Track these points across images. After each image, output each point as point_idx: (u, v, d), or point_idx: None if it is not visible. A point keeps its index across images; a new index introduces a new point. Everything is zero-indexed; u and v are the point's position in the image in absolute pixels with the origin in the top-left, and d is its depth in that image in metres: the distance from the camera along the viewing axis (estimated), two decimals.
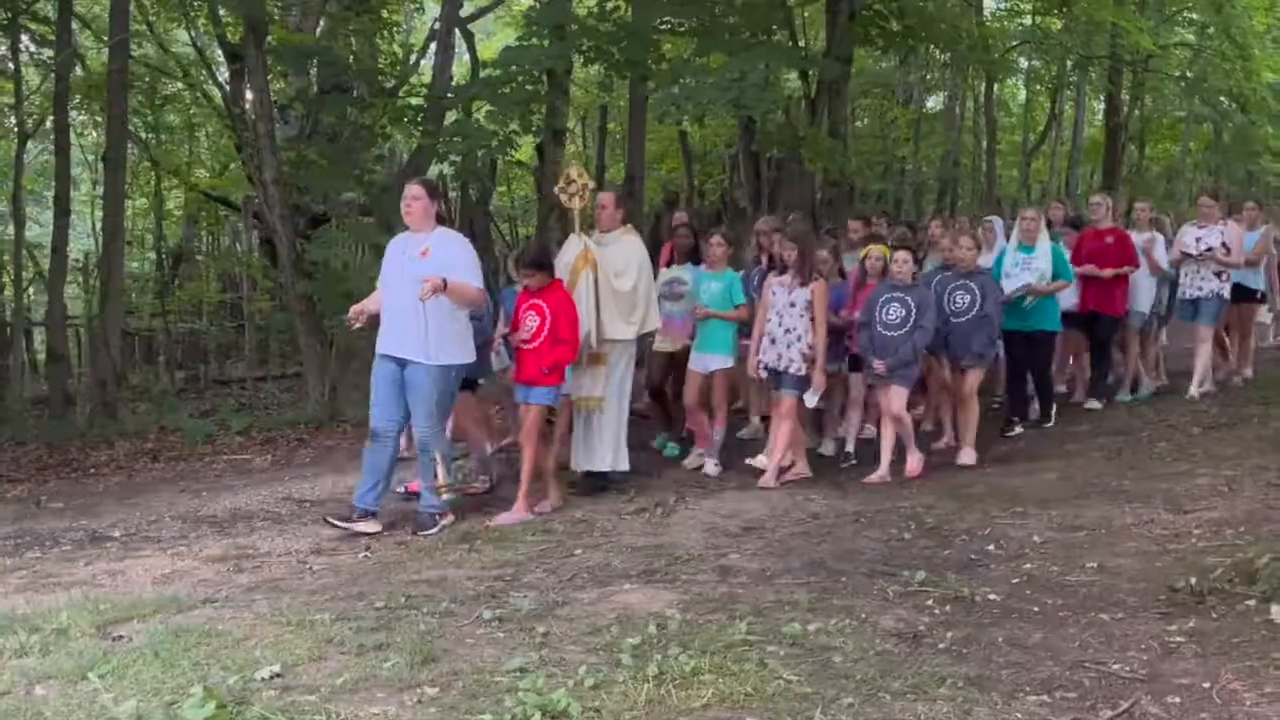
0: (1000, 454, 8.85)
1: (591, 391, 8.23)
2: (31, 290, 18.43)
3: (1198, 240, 10.08)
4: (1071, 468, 8.07)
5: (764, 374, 8.55)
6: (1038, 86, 26.14)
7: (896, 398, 8.31)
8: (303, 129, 16.84)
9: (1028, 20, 22.59)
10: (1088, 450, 8.64)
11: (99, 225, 17.22)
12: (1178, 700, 3.93)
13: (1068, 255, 9.89)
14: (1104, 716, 3.82)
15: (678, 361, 9.28)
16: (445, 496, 7.43)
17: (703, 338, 8.93)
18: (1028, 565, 5.75)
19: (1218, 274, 10.06)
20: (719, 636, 4.62)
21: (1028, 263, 9.45)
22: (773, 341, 8.38)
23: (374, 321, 7.48)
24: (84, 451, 11.37)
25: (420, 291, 6.89)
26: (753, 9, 15.63)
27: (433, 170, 19.58)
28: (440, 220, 7.60)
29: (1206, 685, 4.03)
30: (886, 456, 8.32)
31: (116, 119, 14.80)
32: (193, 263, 22.47)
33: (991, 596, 5.22)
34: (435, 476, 7.45)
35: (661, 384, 9.77)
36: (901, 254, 8.47)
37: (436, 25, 18.76)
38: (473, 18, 20.32)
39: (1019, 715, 3.83)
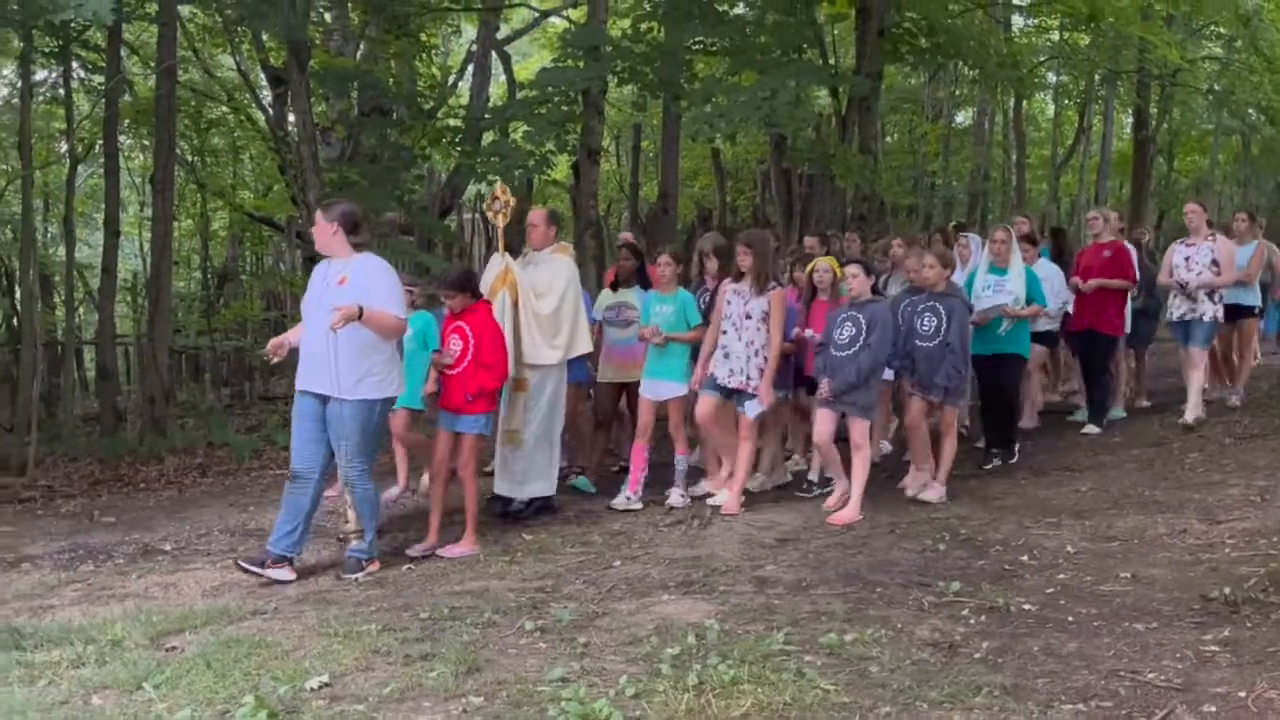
0: (1035, 465, 8.76)
1: (508, 424, 7.86)
2: (82, 310, 18.63)
3: (1187, 260, 9.48)
4: (1104, 479, 8.02)
5: (700, 389, 7.89)
6: (1066, 101, 25.99)
7: (822, 424, 7.56)
8: (344, 150, 16.95)
9: (1055, 36, 22.50)
10: (1121, 461, 8.58)
11: (147, 246, 17.40)
12: (1213, 709, 3.90)
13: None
14: None
15: (632, 393, 8.64)
16: (354, 542, 6.74)
17: (655, 363, 8.12)
18: (1062, 575, 5.72)
19: (1209, 294, 9.42)
20: (757, 647, 4.63)
21: (999, 285, 8.76)
22: (727, 356, 7.73)
23: (295, 355, 6.80)
24: (134, 467, 11.46)
25: (331, 321, 6.25)
26: (783, 28, 15.65)
27: (470, 189, 19.73)
28: (360, 246, 6.79)
29: (1242, 694, 4.00)
30: (854, 486, 7.53)
31: (164, 143, 14.95)
32: (237, 282, 22.69)
33: (1026, 606, 5.20)
34: (349, 521, 6.81)
35: (610, 418, 9.19)
36: (851, 267, 7.77)
37: (474, 48, 18.90)
38: (509, 40, 20.43)
39: None
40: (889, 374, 8.26)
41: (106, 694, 4.47)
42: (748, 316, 7.69)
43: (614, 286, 8.97)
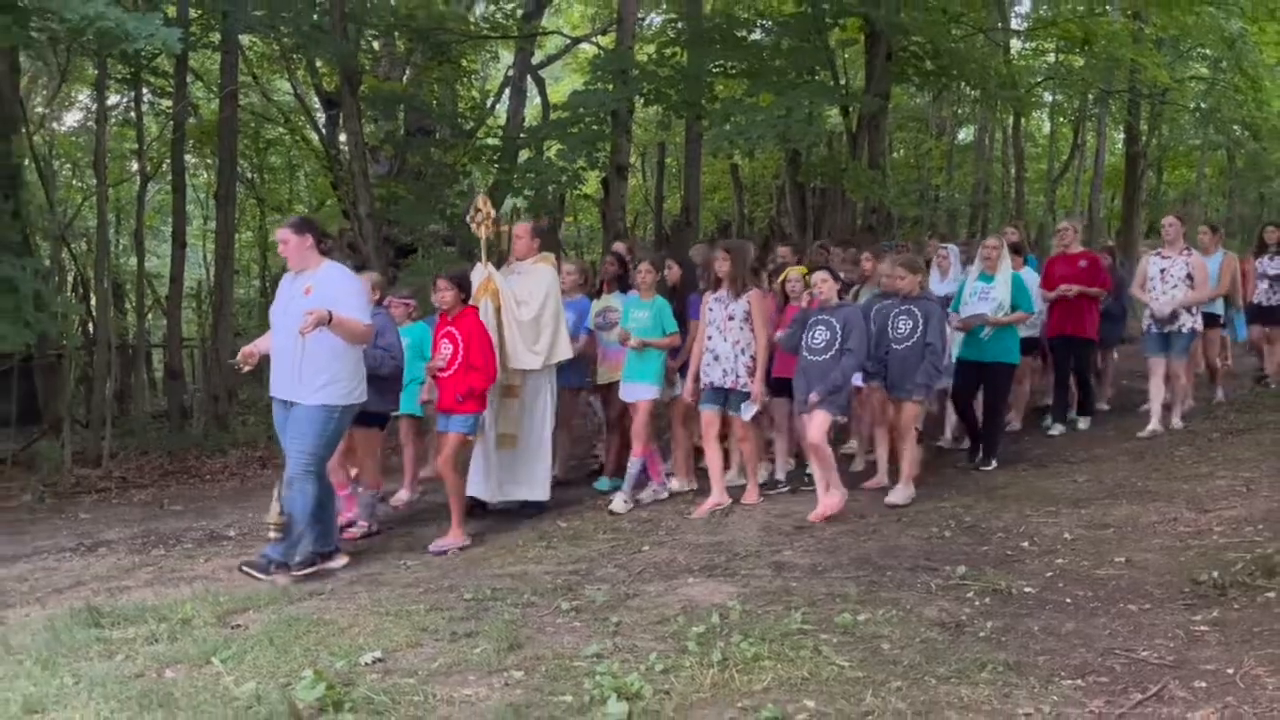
0: (1034, 457, 8.72)
1: (502, 428, 7.75)
2: (151, 315, 18.75)
3: (1162, 273, 9.07)
4: (1100, 470, 7.97)
5: (698, 404, 7.72)
6: (1061, 119, 25.83)
7: (816, 425, 7.18)
8: (392, 167, 17.05)
9: (1052, 58, 22.38)
10: (1115, 454, 8.52)
11: (211, 256, 17.55)
12: (1204, 685, 3.88)
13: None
14: (1134, 699, 3.78)
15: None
16: (273, 535, 6.32)
17: (631, 367, 7.98)
18: (1060, 560, 5.69)
19: (1188, 307, 9.04)
20: (776, 626, 4.63)
21: (985, 292, 8.46)
22: (716, 358, 7.58)
23: (266, 363, 6.56)
24: (200, 459, 11.54)
25: (300, 325, 5.98)
26: (798, 52, 15.64)
27: (507, 203, 19.77)
28: (326, 254, 6.55)
29: (1230, 671, 3.98)
30: (821, 487, 7.25)
31: (226, 161, 15.06)
32: None
33: (1027, 589, 5.18)
34: (270, 512, 6.47)
35: (621, 415, 8.64)
36: (819, 274, 7.54)
37: (511, 72, 18.96)
38: (543, 65, 20.50)
39: (1055, 698, 3.81)
40: (858, 379, 7.90)
41: (178, 668, 4.51)
42: (730, 319, 7.54)
43: (598, 293, 8.84)
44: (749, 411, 7.50)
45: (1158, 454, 8.33)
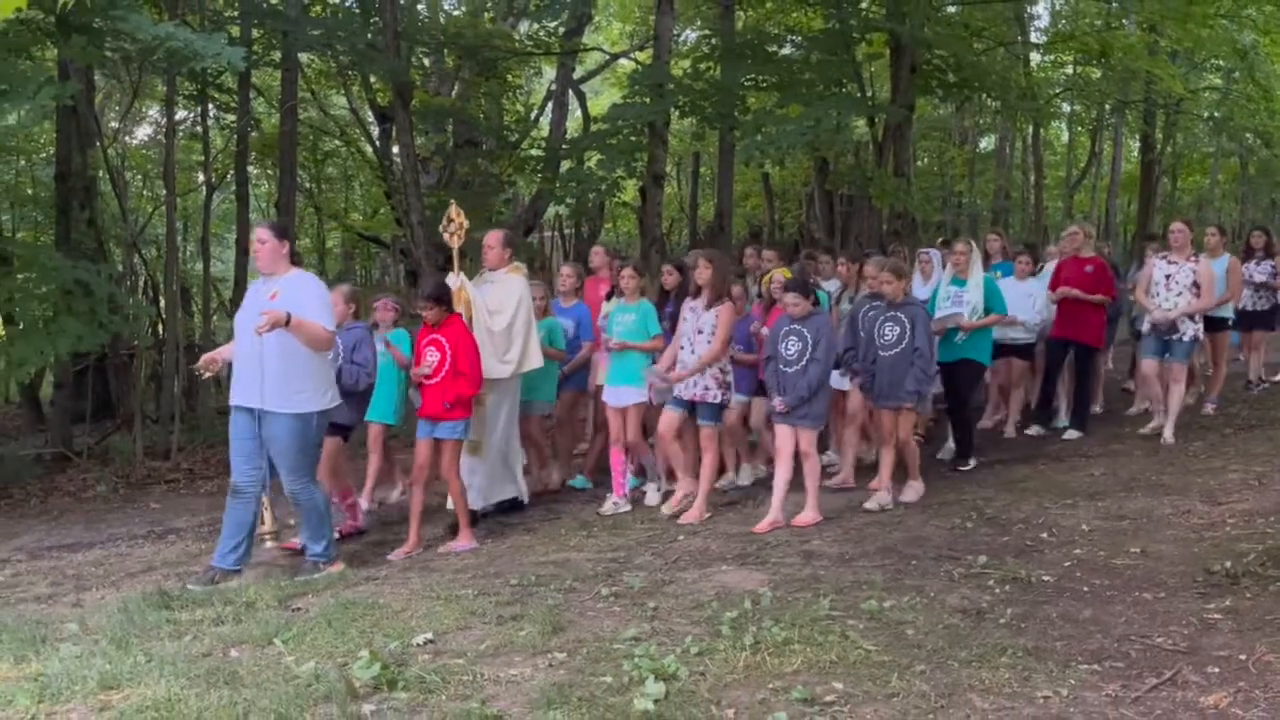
0: (1051, 452, 8.63)
1: (474, 434, 7.30)
2: (216, 317, 18.94)
3: (1168, 278, 8.58)
4: (1116, 465, 7.89)
5: (655, 398, 7.36)
6: (1079, 128, 25.65)
7: (804, 439, 6.79)
8: (441, 177, 17.14)
9: (1070, 70, 22.20)
10: (1130, 449, 8.42)
11: None
12: (1216, 670, 3.85)
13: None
14: (1149, 684, 3.75)
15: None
16: (269, 544, 6.14)
17: (616, 371, 7.62)
18: (1078, 550, 5.65)
19: (1190, 315, 8.56)
20: (806, 611, 4.62)
21: (958, 296, 8.12)
22: (684, 369, 7.20)
23: (228, 371, 6.28)
24: None
25: (257, 325, 5.68)
26: (826, 65, 15.57)
27: (550, 211, 19.83)
28: (295, 261, 6.25)
29: (1243, 657, 3.94)
30: (809, 490, 6.85)
31: (286, 172, 15.21)
32: None
33: (1046, 578, 5.14)
34: (263, 521, 6.23)
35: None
36: (790, 296, 7.04)
37: (553, 87, 19.01)
38: (584, 79, 20.51)
39: (1073, 682, 3.78)
40: (844, 383, 7.78)
41: (243, 647, 4.55)
42: (699, 332, 7.15)
43: (608, 297, 8.49)
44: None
45: (1171, 449, 8.24)
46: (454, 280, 7.34)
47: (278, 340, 5.77)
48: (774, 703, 3.66)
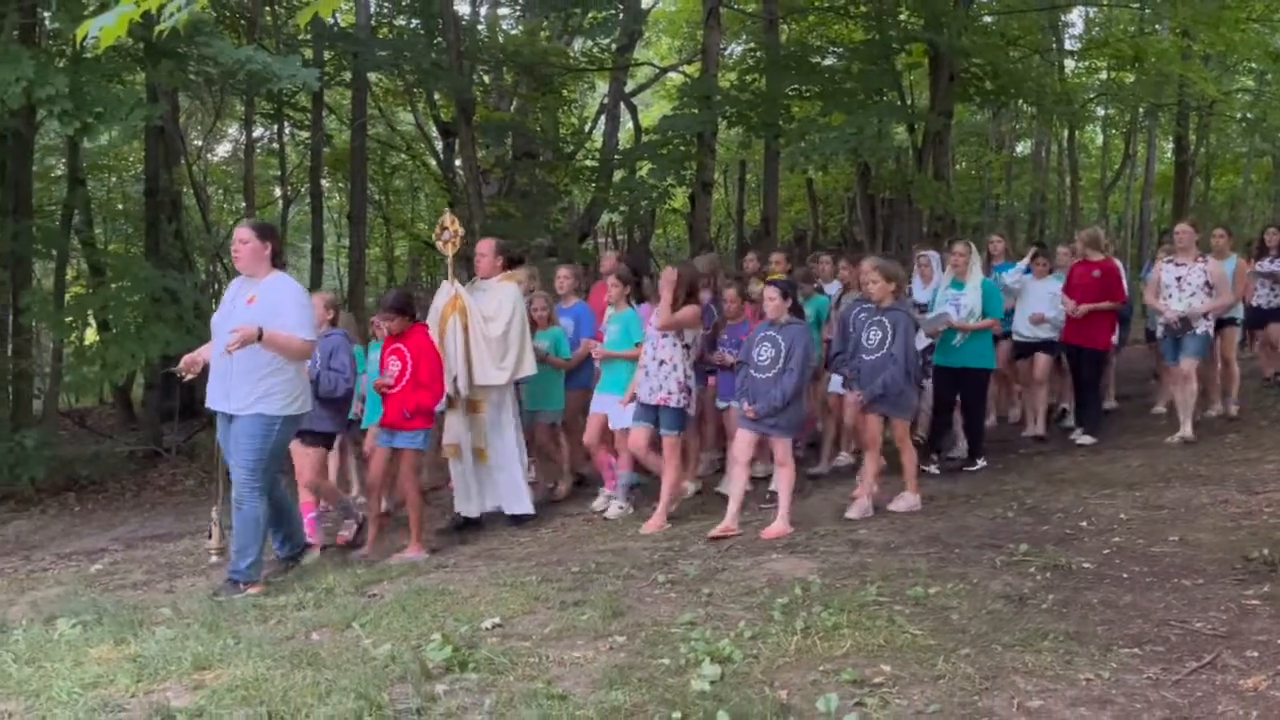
0: (1088, 445, 8.48)
1: (477, 442, 7.12)
2: None
3: (1179, 280, 8.20)
4: (1153, 456, 7.75)
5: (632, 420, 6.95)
6: (1113, 130, 25.23)
7: (779, 449, 6.44)
8: (501, 188, 17.24)
9: (1104, 75, 21.86)
10: (1166, 442, 8.28)
11: (344, 269, 17.91)
12: (1255, 654, 3.77)
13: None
14: (1189, 667, 3.69)
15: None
16: (214, 559, 5.67)
17: (604, 378, 7.41)
18: (1117, 538, 5.56)
19: (1205, 314, 8.17)
20: (854, 598, 4.59)
21: (956, 299, 7.77)
22: (647, 375, 6.80)
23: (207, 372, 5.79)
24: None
25: (228, 343, 5.34)
26: (867, 75, 15.52)
27: (604, 219, 19.87)
28: (277, 264, 5.81)
29: None
30: (781, 500, 6.41)
31: (357, 185, 15.41)
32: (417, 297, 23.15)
33: (1086, 565, 5.07)
34: (210, 536, 5.83)
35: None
36: (768, 290, 6.65)
37: (606, 100, 19.05)
38: (635, 93, 20.56)
39: (1114, 665, 3.73)
40: (837, 386, 7.51)
41: (323, 631, 4.62)
42: (663, 336, 6.77)
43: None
44: (673, 429, 6.79)
45: (1208, 440, 8.08)
46: (449, 288, 7.14)
47: (248, 348, 5.40)
48: (825, 684, 3.65)
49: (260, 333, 5.32)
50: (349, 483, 8.34)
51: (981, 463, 7.92)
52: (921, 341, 7.86)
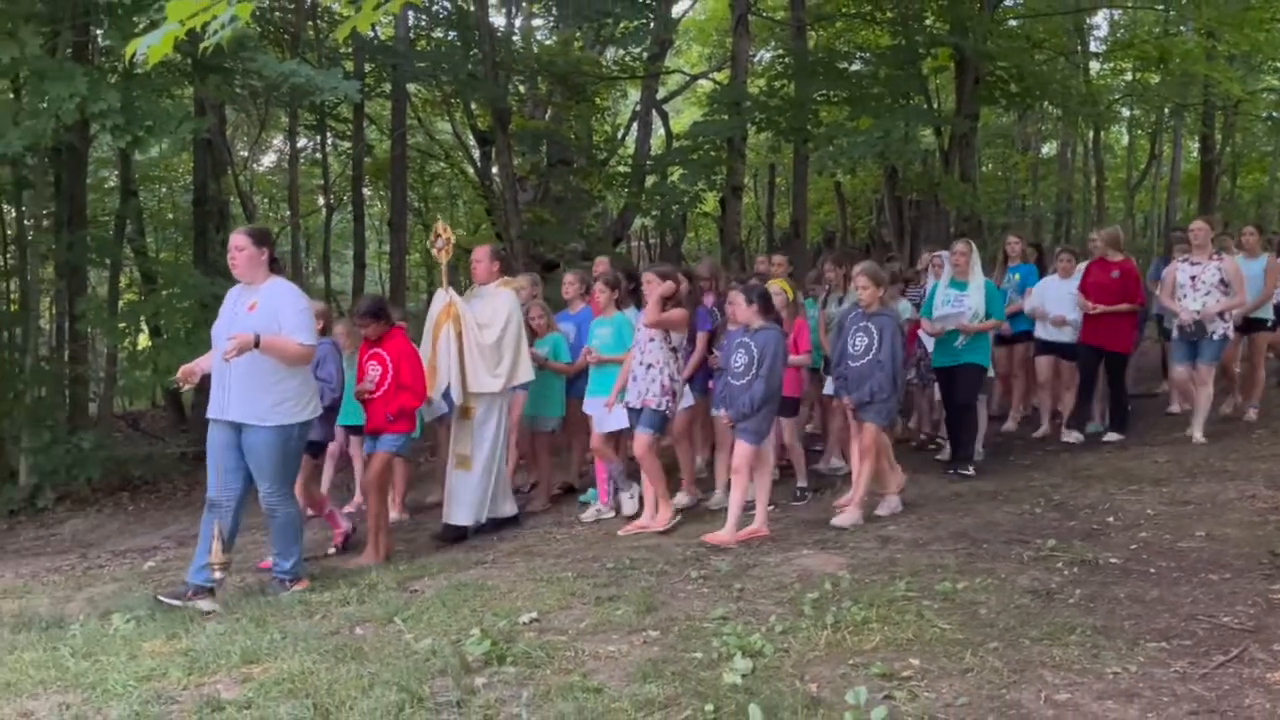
0: (1117, 440, 8.38)
1: (459, 449, 7.00)
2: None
3: (1193, 279, 7.88)
4: (1179, 452, 7.65)
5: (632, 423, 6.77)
6: (1139, 131, 24.88)
7: (739, 453, 6.17)
8: (536, 194, 17.30)
9: (1129, 76, 21.59)
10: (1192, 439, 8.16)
11: (386, 275, 18.05)
12: None
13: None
14: (1216, 661, 3.64)
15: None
16: (218, 575, 5.36)
17: (596, 383, 7.20)
18: (1144, 534, 5.50)
19: (1220, 312, 7.83)
20: (883, 593, 4.57)
21: (959, 299, 7.52)
22: (635, 379, 6.67)
23: (207, 382, 5.64)
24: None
25: (225, 351, 5.23)
26: (894, 79, 15.42)
27: (637, 223, 19.88)
28: (274, 269, 5.64)
29: None
30: (731, 508, 6.19)
31: (397, 193, 15.53)
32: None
33: (1113, 560, 5.02)
34: (214, 546, 5.32)
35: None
36: (731, 294, 6.49)
37: (638, 107, 19.06)
38: (666, 100, 20.55)
39: (1141, 659, 3.69)
40: (830, 388, 7.32)
41: (367, 625, 4.65)
42: (650, 340, 6.66)
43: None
44: (649, 430, 6.61)
45: (1235, 436, 7.97)
46: (443, 296, 7.01)
47: (252, 356, 5.30)
48: (854, 677, 3.63)
49: (257, 339, 5.24)
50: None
51: (970, 469, 7.57)
52: (927, 342, 7.86)
